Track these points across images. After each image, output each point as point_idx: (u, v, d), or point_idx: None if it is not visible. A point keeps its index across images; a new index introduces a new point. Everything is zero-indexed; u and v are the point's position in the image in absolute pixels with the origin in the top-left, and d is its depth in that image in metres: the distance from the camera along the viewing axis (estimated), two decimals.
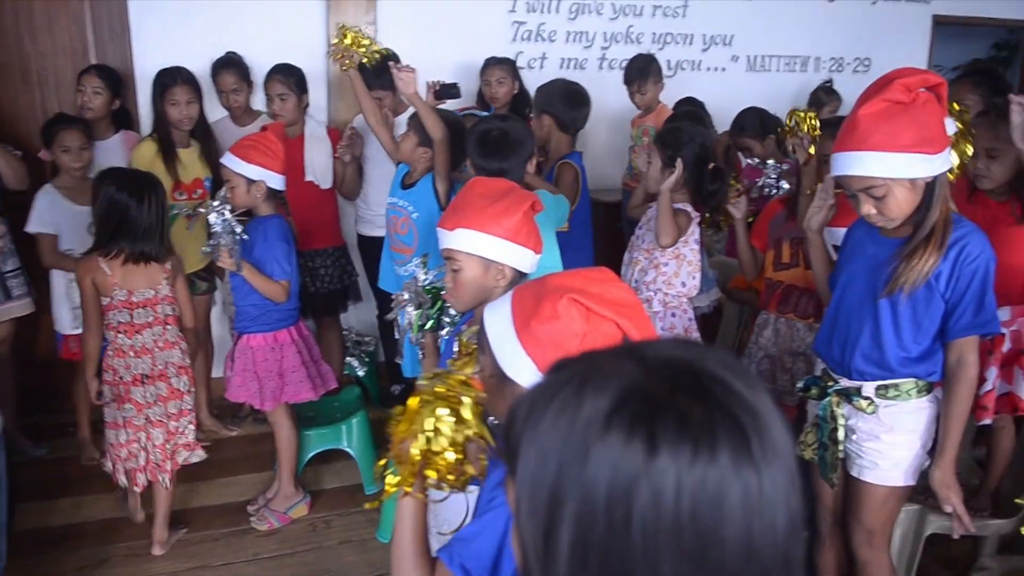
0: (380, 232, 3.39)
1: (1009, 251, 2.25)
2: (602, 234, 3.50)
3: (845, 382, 1.89)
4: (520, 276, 1.75)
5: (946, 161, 1.71)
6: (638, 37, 4.44)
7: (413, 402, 1.14)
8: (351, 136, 3.53)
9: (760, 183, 3.05)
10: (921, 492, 2.49)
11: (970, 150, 2.09)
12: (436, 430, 1.11)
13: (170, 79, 3.27)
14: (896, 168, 1.66)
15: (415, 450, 1.11)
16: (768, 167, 3.03)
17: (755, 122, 3.69)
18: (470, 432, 1.12)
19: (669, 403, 0.59)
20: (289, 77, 3.44)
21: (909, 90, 1.65)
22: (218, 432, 3.61)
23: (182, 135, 3.34)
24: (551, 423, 0.62)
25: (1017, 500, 1.59)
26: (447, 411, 1.11)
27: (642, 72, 3.91)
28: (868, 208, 1.73)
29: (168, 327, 2.69)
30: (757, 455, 0.58)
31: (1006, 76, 6.28)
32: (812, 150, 2.55)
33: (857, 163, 1.69)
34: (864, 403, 1.84)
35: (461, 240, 1.72)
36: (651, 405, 0.59)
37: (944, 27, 5.18)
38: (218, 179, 3.10)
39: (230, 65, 3.52)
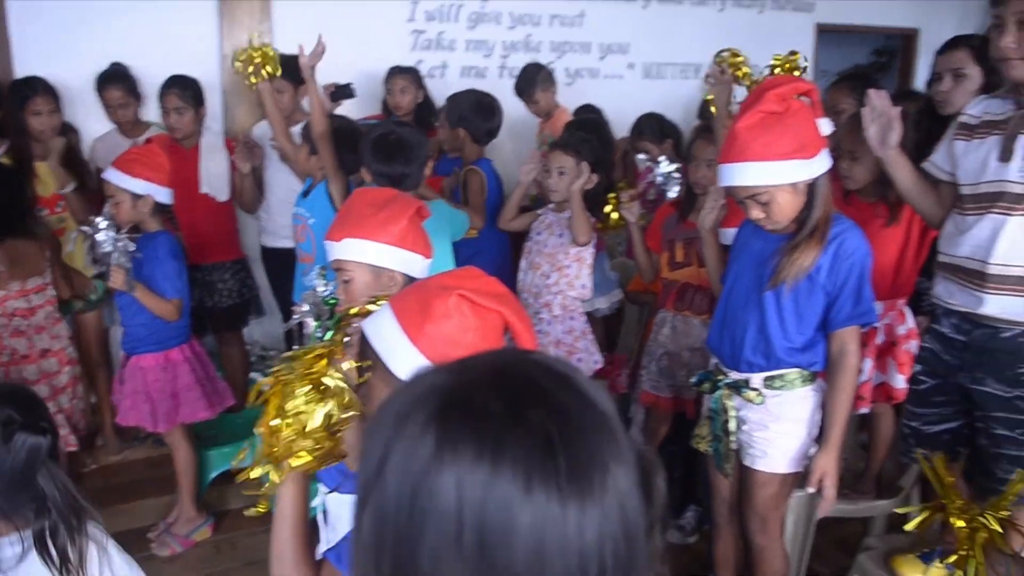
0: (284, 243, 3.35)
1: (878, 250, 2.37)
2: (512, 238, 3.56)
3: (735, 375, 1.97)
4: (411, 282, 1.75)
5: (824, 162, 1.81)
6: (537, 45, 4.51)
7: (268, 380, 1.11)
8: (247, 145, 3.45)
9: (652, 177, 3.17)
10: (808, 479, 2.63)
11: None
12: (315, 401, 1.08)
13: (30, 89, 3.13)
14: (776, 175, 1.76)
15: (286, 430, 1.07)
16: (660, 163, 3.14)
17: (654, 126, 3.80)
18: (341, 405, 1.09)
19: (467, 399, 0.58)
20: (185, 90, 3.34)
21: (782, 99, 1.74)
22: (117, 456, 3.47)
23: (41, 147, 3.18)
24: (375, 437, 0.61)
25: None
26: (310, 387, 1.08)
27: (528, 82, 3.95)
28: (756, 213, 1.83)
29: (54, 305, 2.81)
30: (559, 451, 0.56)
31: (885, 80, 6.66)
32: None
33: (740, 174, 1.78)
34: (753, 394, 1.92)
35: (349, 250, 1.72)
36: (450, 401, 0.58)
37: (828, 34, 5.45)
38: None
39: (116, 79, 3.40)
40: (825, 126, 1.80)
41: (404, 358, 1.17)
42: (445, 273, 1.43)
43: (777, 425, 1.92)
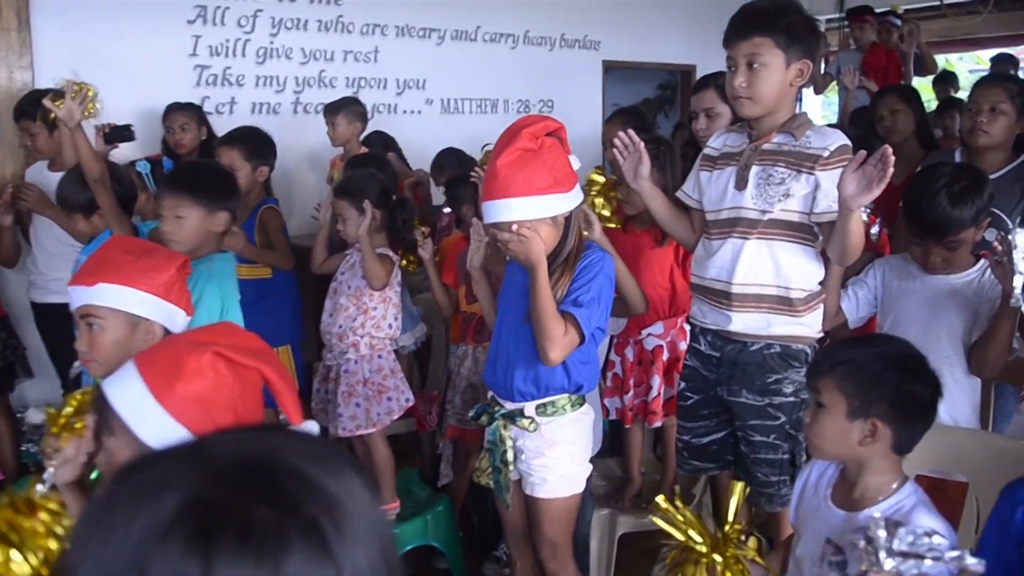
0: (57, 298, 3.08)
1: (654, 272, 2.55)
2: (309, 278, 3.46)
3: (510, 405, 2.00)
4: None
5: (578, 196, 1.91)
6: (331, 81, 4.48)
7: None
8: (13, 194, 3.14)
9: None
10: (610, 497, 2.73)
11: (600, 203, 2.36)
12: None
13: None
14: (538, 209, 1.83)
15: None
16: None
17: (452, 161, 3.87)
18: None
19: (230, 513, 0.55)
20: None
21: (536, 137, 1.82)
22: None
23: None
24: (102, 551, 0.55)
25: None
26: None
27: (338, 107, 3.89)
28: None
29: None
30: (336, 548, 0.56)
31: (669, 112, 7.20)
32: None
33: (505, 210, 1.83)
34: (527, 422, 1.95)
35: (104, 295, 1.59)
36: (210, 517, 0.55)
37: (615, 70, 5.81)
38: None
39: None
40: (575, 162, 1.90)
41: (150, 421, 1.11)
42: (198, 329, 1.36)
43: (552, 450, 1.97)
